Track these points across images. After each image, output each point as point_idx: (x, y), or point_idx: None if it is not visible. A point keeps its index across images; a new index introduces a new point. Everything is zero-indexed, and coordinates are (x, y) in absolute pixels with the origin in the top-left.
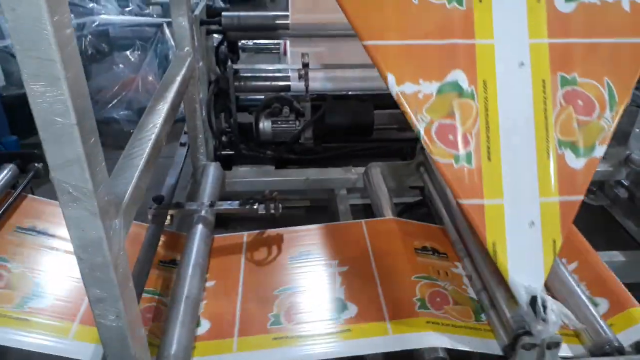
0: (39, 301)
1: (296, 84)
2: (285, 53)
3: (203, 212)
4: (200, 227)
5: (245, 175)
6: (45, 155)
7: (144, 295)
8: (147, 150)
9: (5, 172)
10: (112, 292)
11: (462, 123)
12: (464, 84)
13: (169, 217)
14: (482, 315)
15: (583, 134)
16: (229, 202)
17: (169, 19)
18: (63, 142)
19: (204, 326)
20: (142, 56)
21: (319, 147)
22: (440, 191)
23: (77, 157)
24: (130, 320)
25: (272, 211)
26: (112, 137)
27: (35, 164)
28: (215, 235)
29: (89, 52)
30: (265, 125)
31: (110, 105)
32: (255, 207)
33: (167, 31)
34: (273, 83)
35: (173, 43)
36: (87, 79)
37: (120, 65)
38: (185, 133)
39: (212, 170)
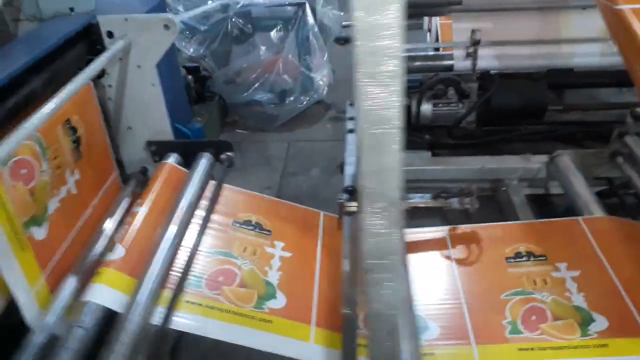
0: (275, 302)
1: (461, 63)
2: (429, 30)
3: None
4: None
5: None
6: (360, 160)
7: None
8: None
9: (205, 161)
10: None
11: None
12: None
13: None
14: (591, 327)
15: None
16: (419, 195)
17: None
18: (383, 149)
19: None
20: (284, 37)
21: (480, 131)
22: None
23: (392, 165)
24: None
25: (467, 206)
26: (254, 119)
27: (228, 153)
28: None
29: (233, 33)
30: (425, 107)
31: (253, 88)
32: (448, 201)
33: (308, 11)
34: (435, 63)
35: (315, 27)
36: (229, 61)
37: (262, 47)
38: (350, 119)
39: None
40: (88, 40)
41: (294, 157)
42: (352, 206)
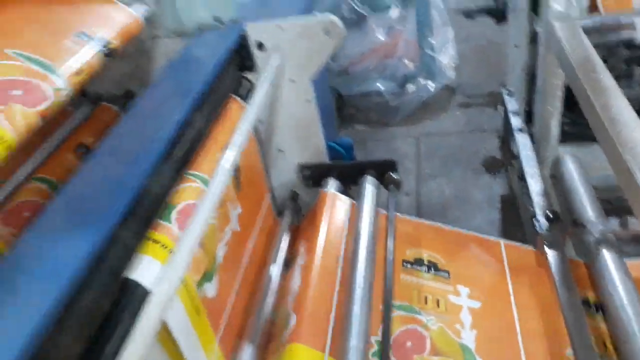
0: None
1: None
2: None
3: (607, 232)
4: (609, 253)
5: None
6: None
7: None
8: None
9: (371, 188)
10: None
11: None
12: None
13: None
14: None
15: None
16: None
17: None
18: None
19: None
20: (402, 16)
21: None
22: None
23: None
24: None
25: None
26: (374, 112)
27: (392, 175)
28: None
29: (347, 17)
30: None
31: (370, 76)
32: None
33: None
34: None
35: None
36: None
37: (378, 29)
38: (514, 114)
39: (572, 165)
40: (237, 55)
41: (427, 155)
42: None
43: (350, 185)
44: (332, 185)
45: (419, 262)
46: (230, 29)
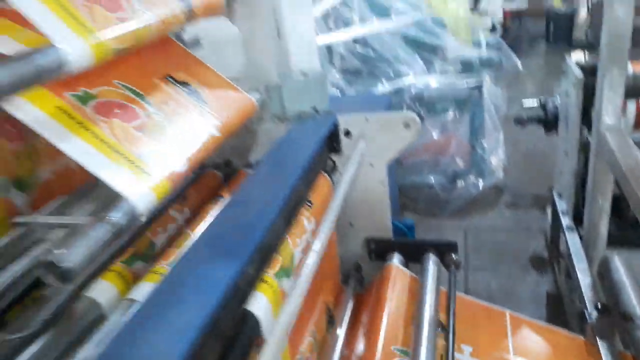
0: None
1: None
2: None
3: None
4: None
5: None
6: None
7: None
8: None
9: (433, 266)
10: None
11: None
12: None
13: None
14: None
15: None
16: None
17: (481, 80)
18: None
19: None
20: (457, 118)
21: None
22: None
23: None
24: None
25: None
26: (425, 202)
27: (454, 255)
28: None
29: None
30: None
31: (423, 169)
32: None
33: (485, 92)
34: None
35: (491, 106)
36: None
37: (434, 128)
38: (563, 214)
39: (620, 263)
40: (328, 139)
41: (474, 248)
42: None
43: (411, 261)
44: (396, 259)
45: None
46: (325, 118)
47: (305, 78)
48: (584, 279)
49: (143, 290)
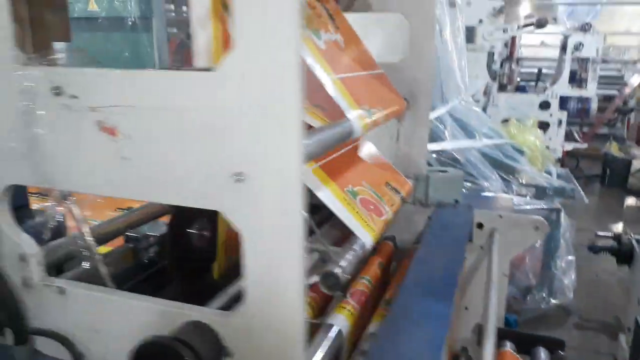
0: None
1: None
2: None
3: None
4: None
5: None
6: None
7: None
8: None
9: (543, 357)
10: None
11: None
12: None
13: None
14: None
15: None
16: None
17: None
18: None
19: None
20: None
21: None
22: None
23: None
24: None
25: None
26: None
27: (561, 352)
28: None
29: None
30: None
31: None
32: None
33: (563, 215)
34: None
35: (567, 229)
36: None
37: None
38: None
39: None
40: None
41: None
42: None
43: (520, 352)
44: (508, 347)
45: None
46: (463, 209)
47: (445, 174)
48: None
49: None
